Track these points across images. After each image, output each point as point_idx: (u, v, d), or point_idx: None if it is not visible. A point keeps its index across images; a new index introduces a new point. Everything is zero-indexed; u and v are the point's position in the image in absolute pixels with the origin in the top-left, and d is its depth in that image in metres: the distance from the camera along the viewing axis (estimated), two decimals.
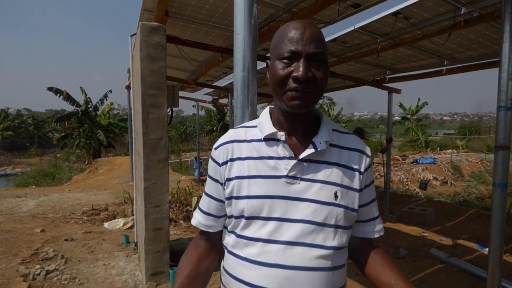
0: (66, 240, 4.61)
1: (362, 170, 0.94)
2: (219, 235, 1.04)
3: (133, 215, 5.38)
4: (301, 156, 0.89)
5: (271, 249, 0.86)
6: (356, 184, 0.92)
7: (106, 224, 5.56)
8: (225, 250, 0.98)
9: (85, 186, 10.50)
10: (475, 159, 15.30)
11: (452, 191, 12.06)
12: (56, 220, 5.88)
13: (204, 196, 1.03)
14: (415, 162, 14.61)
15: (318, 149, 0.89)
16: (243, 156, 0.93)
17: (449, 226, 5.93)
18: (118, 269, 3.77)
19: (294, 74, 0.84)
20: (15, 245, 4.36)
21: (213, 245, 1.05)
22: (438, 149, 20.46)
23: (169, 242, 3.48)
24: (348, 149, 0.95)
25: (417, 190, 10.75)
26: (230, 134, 0.98)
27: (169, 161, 8.31)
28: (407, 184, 11.94)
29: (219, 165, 0.95)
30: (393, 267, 0.93)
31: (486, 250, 4.52)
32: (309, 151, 0.89)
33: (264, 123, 0.95)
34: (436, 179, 12.61)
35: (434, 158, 14.54)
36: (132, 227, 5.32)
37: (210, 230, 1.02)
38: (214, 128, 27.74)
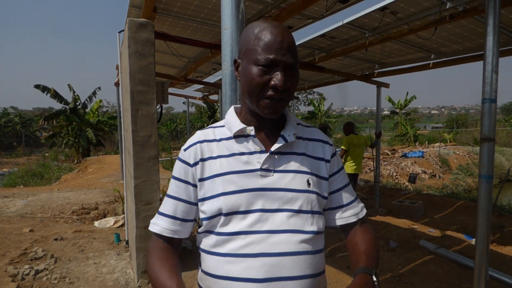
0: (56, 239, 4.56)
1: (327, 158, 1.00)
2: (180, 243, 1.00)
3: (123, 213, 5.34)
4: (272, 149, 0.92)
5: (253, 239, 0.86)
6: (323, 172, 0.98)
7: (96, 223, 5.51)
8: (203, 253, 0.94)
9: (75, 185, 10.36)
10: (462, 152, 15.62)
11: (440, 183, 12.27)
12: (45, 220, 5.80)
13: (167, 199, 0.97)
14: (404, 156, 14.82)
15: (288, 141, 0.94)
16: (214, 155, 0.94)
17: (437, 218, 6.04)
18: (109, 267, 3.75)
19: (273, 83, 0.86)
20: (3, 246, 4.29)
21: (177, 252, 0.99)
22: (427, 142, 20.81)
23: None
24: (313, 140, 1.01)
25: (406, 183, 10.91)
26: (198, 135, 0.98)
27: (160, 158, 8.25)
28: (396, 178, 12.11)
29: (190, 165, 0.94)
30: (363, 247, 0.97)
31: (473, 241, 4.61)
32: (279, 144, 0.93)
33: (232, 121, 0.97)
34: (424, 172, 12.82)
35: (423, 152, 14.78)
36: (123, 225, 5.28)
37: (176, 236, 0.96)
38: (205, 125, 27.61)
